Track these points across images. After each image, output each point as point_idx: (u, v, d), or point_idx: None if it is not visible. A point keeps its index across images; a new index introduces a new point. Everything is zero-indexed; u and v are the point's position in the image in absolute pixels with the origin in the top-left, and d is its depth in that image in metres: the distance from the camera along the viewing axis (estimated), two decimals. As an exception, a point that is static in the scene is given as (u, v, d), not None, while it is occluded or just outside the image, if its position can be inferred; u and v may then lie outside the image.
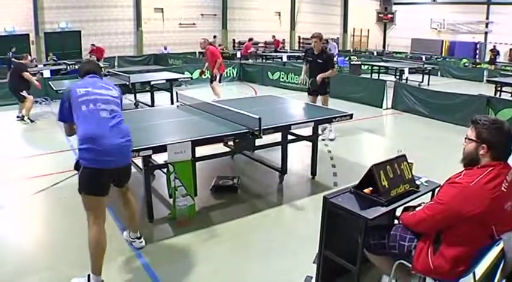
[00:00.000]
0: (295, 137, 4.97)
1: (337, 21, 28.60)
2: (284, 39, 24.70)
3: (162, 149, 3.52)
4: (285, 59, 17.01)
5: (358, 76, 12.47)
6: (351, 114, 4.86)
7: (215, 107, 4.80)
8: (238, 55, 18.91)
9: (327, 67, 6.36)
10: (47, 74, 11.46)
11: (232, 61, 15.58)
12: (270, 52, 20.93)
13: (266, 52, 21.23)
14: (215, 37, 21.43)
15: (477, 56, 23.13)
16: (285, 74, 12.42)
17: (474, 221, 2.00)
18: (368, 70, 14.60)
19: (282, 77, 12.58)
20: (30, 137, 7.14)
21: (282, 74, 12.61)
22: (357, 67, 14.80)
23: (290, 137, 4.92)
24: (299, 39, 26.43)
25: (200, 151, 4.07)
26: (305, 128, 4.77)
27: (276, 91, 10.54)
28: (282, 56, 17.70)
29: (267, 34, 23.52)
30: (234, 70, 14.00)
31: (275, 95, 6.75)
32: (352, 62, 15.57)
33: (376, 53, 23.67)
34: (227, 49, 21.67)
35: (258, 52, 20.60)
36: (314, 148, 4.90)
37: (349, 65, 15.37)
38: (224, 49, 20.10)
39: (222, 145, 4.80)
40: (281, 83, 12.49)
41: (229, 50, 21.51)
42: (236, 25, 23.83)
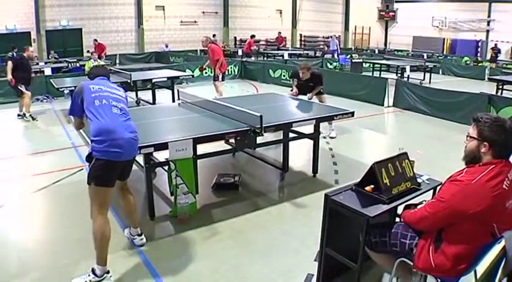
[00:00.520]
0: (296, 135, 4.97)
1: (338, 19, 28.54)
2: (285, 37, 24.67)
3: (164, 147, 3.53)
4: (287, 57, 16.99)
5: (359, 74, 12.45)
6: (352, 112, 4.85)
7: (216, 105, 4.80)
8: (239, 53, 18.89)
9: (316, 86, 6.51)
10: (48, 72, 11.48)
11: (233, 59, 15.57)
12: (272, 50, 20.90)
13: (267, 50, 21.21)
14: (214, 36, 21.37)
15: (479, 54, 23.04)
16: (287, 72, 12.38)
17: (475, 219, 2.00)
18: (369, 68, 14.56)
19: (284, 75, 12.56)
20: (31, 135, 7.15)
21: (284, 72, 12.60)
22: (359, 65, 14.78)
23: (291, 135, 4.92)
24: (300, 37, 26.40)
25: (201, 149, 4.07)
26: (306, 126, 4.77)
27: (277, 89, 10.52)
28: (284, 54, 17.68)
29: (268, 32, 23.51)
30: (236, 68, 14.01)
31: (276, 93, 6.76)
32: (353, 60, 15.53)
33: (377, 51, 23.59)
34: (228, 47, 21.65)
35: (260, 50, 20.56)
36: (315, 146, 4.89)
37: (350, 63, 15.35)
38: (225, 47, 20.08)
39: (223, 143, 4.79)
40: (282, 81, 12.47)
41: (230, 48, 21.49)
42: (237, 23, 23.82)
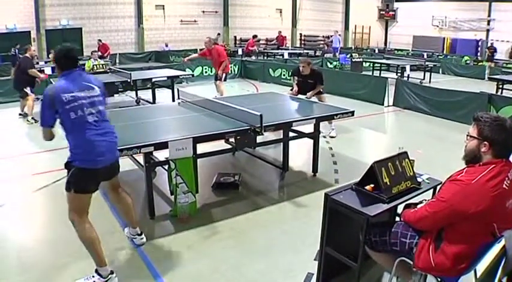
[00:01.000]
0: (296, 134, 4.96)
1: (338, 18, 28.49)
2: (285, 36, 24.65)
3: (164, 146, 3.53)
4: (287, 56, 16.98)
5: (359, 73, 12.44)
6: (352, 111, 4.86)
7: (216, 104, 4.80)
8: (239, 52, 18.85)
9: (317, 84, 6.52)
10: (48, 71, 11.42)
11: (233, 58, 15.56)
12: (272, 49, 20.87)
13: (267, 49, 21.18)
14: (219, 35, 21.40)
15: (479, 54, 23.03)
16: (287, 71, 12.37)
17: (475, 219, 2.00)
18: (369, 67, 14.55)
19: (284, 74, 12.55)
20: (31, 134, 7.13)
21: (284, 71, 12.59)
22: (359, 64, 14.77)
23: (291, 134, 4.92)
24: (300, 36, 26.38)
25: (201, 148, 4.07)
26: (306, 125, 4.77)
27: (278, 88, 10.51)
28: (284, 53, 17.67)
29: (268, 31, 23.45)
30: (236, 67, 13.99)
31: (276, 92, 6.75)
32: (353, 59, 15.53)
33: (377, 50, 23.58)
34: (228, 46, 21.63)
35: (259, 49, 20.53)
36: (315, 145, 4.89)
37: (350, 62, 15.34)
38: (226, 46, 20.07)
39: (223, 142, 4.79)
40: (282, 80, 12.46)
41: (230, 47, 21.48)
42: (237, 22, 23.78)
